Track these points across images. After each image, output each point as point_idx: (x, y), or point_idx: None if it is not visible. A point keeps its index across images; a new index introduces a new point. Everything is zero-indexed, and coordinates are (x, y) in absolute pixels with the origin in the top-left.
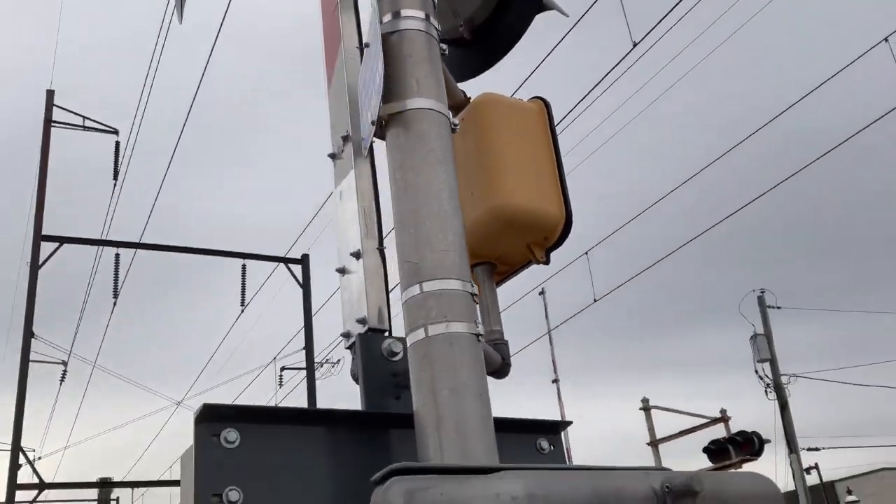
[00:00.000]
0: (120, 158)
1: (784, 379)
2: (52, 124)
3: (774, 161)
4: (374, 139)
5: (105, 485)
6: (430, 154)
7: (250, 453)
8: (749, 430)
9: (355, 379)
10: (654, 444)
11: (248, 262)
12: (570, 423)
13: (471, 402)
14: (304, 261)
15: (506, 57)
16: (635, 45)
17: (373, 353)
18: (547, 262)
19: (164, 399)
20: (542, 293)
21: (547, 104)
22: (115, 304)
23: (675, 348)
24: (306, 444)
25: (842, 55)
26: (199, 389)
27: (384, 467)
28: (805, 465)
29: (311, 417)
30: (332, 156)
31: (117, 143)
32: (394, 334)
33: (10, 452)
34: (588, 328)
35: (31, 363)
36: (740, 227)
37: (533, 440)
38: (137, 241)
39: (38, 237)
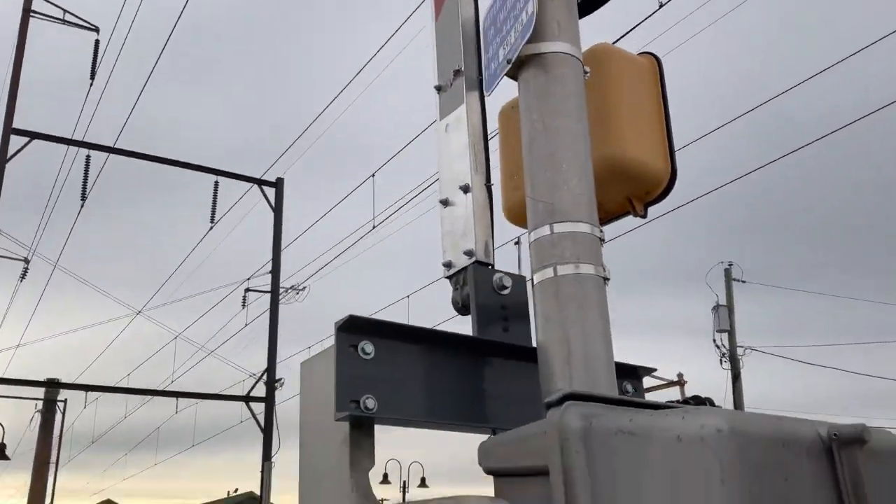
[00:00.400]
0: (98, 59)
1: (739, 350)
2: (31, 14)
3: (763, 142)
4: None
5: (56, 385)
6: (569, 99)
7: (384, 365)
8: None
9: (457, 307)
10: None
11: (222, 179)
12: (653, 369)
13: (598, 341)
14: (277, 184)
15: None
16: (661, 5)
17: (483, 285)
18: (644, 216)
19: (124, 307)
20: (517, 243)
21: (658, 60)
22: (82, 206)
23: (638, 311)
24: (431, 362)
25: (840, 49)
26: (159, 301)
27: (499, 390)
28: None
29: (437, 338)
30: (438, 88)
31: (97, 42)
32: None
33: None
34: None
35: None
36: (720, 200)
37: (619, 383)
38: (111, 145)
39: (9, 130)
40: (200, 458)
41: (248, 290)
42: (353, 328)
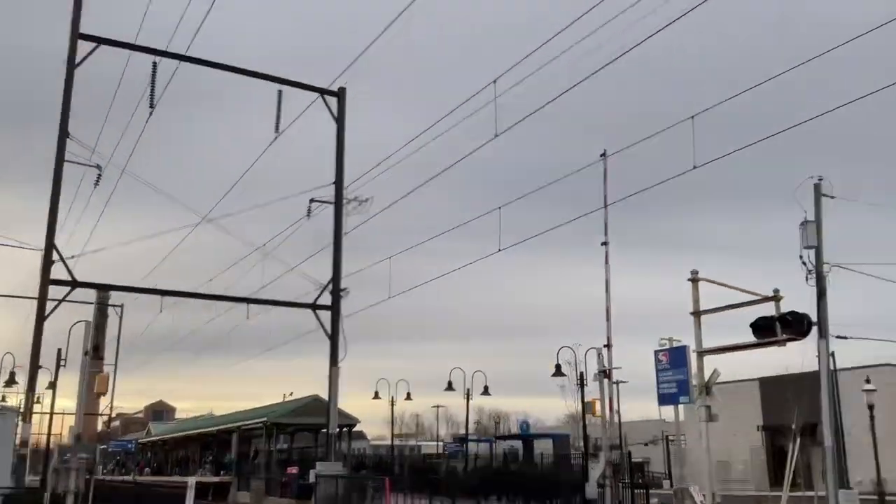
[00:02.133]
0: None
1: (826, 268)
2: None
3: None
4: None
5: (124, 289)
6: None
7: None
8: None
9: None
10: (698, 314)
11: (285, 89)
12: None
13: None
14: (340, 94)
15: None
16: None
17: None
18: None
19: (193, 213)
20: (603, 155)
21: None
22: (150, 114)
23: (727, 229)
24: None
25: None
26: (223, 211)
27: None
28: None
29: None
30: None
31: None
32: None
33: (43, 250)
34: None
35: (65, 164)
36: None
37: None
38: (180, 53)
39: (76, 36)
40: (268, 363)
41: (312, 200)
42: None
